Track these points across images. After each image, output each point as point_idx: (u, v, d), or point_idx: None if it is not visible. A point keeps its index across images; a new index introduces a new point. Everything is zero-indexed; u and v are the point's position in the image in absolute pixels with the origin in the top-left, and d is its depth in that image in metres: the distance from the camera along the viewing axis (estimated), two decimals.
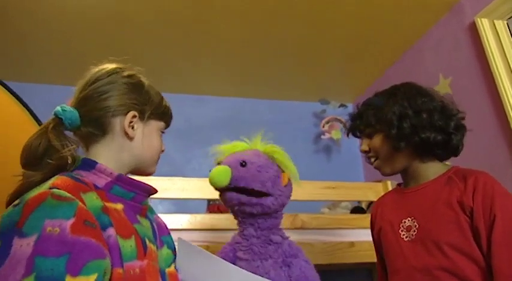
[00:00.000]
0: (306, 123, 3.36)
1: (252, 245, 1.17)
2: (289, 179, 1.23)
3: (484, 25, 2.12)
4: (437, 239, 0.95)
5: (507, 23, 2.13)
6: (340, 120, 3.17)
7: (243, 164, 1.16)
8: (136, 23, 2.39)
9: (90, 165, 0.77)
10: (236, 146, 1.26)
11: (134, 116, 0.82)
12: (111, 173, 0.77)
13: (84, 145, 0.82)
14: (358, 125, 1.13)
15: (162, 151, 0.90)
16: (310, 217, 1.88)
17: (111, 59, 0.88)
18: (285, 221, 1.79)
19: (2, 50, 2.52)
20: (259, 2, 2.25)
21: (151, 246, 0.78)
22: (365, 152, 1.12)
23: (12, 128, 1.29)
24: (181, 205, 2.67)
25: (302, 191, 1.97)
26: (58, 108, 0.78)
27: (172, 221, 1.67)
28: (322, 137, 3.19)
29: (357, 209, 2.40)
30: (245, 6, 2.27)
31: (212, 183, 1.16)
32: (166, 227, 0.94)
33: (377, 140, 1.08)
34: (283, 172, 1.22)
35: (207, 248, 1.65)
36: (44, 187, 0.65)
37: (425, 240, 0.98)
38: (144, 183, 0.82)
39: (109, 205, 0.73)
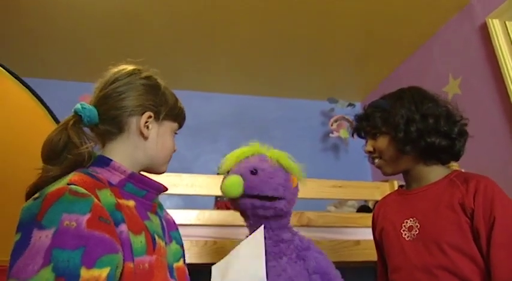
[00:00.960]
0: (314, 121, 3.37)
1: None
2: (297, 181, 1.26)
3: (495, 26, 2.11)
4: (438, 239, 0.97)
5: None
6: (347, 120, 3.17)
7: (254, 172, 1.18)
8: (145, 21, 2.42)
9: (105, 162, 0.80)
10: (243, 153, 1.26)
11: (150, 117, 0.84)
12: (125, 170, 0.80)
13: (100, 142, 0.85)
14: (364, 127, 1.15)
15: (174, 150, 0.92)
16: (317, 215, 1.90)
17: (129, 61, 0.91)
18: (292, 218, 1.80)
19: (16, 47, 2.58)
20: (267, 0, 2.26)
21: (160, 242, 0.81)
22: (369, 152, 1.14)
23: (27, 122, 1.33)
24: (189, 201, 2.70)
25: (309, 189, 2.00)
26: (78, 105, 0.81)
27: (181, 216, 1.70)
28: (331, 135, 3.20)
29: (363, 208, 2.41)
30: (253, 4, 2.29)
31: (226, 194, 1.18)
32: (175, 223, 0.97)
33: (383, 142, 1.10)
34: (291, 174, 1.24)
35: (215, 243, 1.68)
36: (62, 183, 0.68)
37: (426, 240, 1.00)
38: (155, 181, 0.85)
39: (122, 201, 0.75)
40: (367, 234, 1.81)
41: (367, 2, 2.29)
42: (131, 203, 0.78)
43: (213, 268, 1.03)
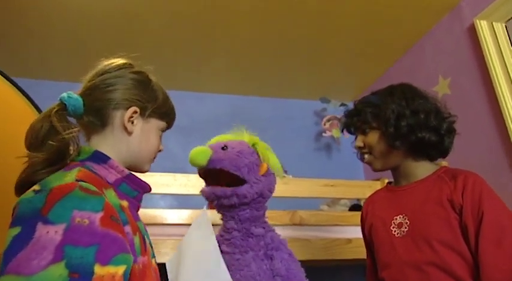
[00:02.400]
0: (307, 121, 3.39)
1: (233, 238, 1.16)
2: (268, 170, 1.20)
3: (482, 27, 2.15)
4: (428, 235, 0.99)
5: (505, 26, 2.15)
6: (339, 120, 3.19)
7: (224, 148, 1.17)
8: (142, 22, 2.42)
9: (102, 159, 0.78)
10: (224, 137, 1.26)
11: (135, 112, 0.82)
12: (122, 170, 0.79)
13: (85, 135, 0.83)
14: (355, 122, 1.15)
15: (160, 150, 0.90)
16: (309, 214, 1.92)
17: (122, 55, 0.89)
18: (284, 217, 1.84)
19: (11, 47, 2.55)
20: (262, 1, 2.27)
21: (147, 242, 0.81)
22: (359, 148, 1.15)
23: (17, 123, 1.32)
24: (183, 201, 2.70)
25: (302, 188, 2.02)
26: (64, 94, 0.79)
27: (174, 216, 1.71)
28: (324, 134, 3.22)
29: (355, 207, 2.44)
30: (248, 5, 2.30)
31: (191, 161, 1.15)
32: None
33: (373, 137, 1.11)
34: (263, 161, 1.20)
35: None
36: (68, 178, 0.66)
37: (415, 236, 1.01)
38: (144, 182, 0.84)
39: (120, 202, 0.75)
40: (358, 232, 1.81)
41: (359, 3, 2.31)
42: (125, 203, 0.77)
43: (168, 262, 1.03)
